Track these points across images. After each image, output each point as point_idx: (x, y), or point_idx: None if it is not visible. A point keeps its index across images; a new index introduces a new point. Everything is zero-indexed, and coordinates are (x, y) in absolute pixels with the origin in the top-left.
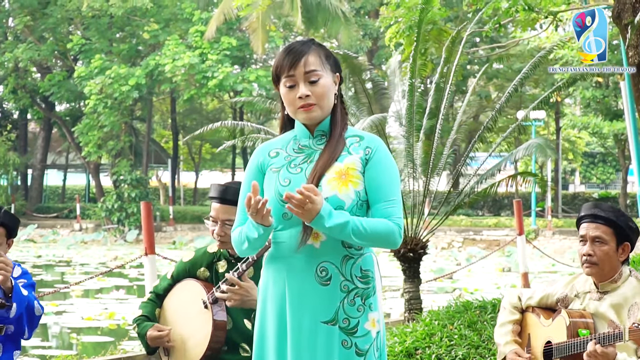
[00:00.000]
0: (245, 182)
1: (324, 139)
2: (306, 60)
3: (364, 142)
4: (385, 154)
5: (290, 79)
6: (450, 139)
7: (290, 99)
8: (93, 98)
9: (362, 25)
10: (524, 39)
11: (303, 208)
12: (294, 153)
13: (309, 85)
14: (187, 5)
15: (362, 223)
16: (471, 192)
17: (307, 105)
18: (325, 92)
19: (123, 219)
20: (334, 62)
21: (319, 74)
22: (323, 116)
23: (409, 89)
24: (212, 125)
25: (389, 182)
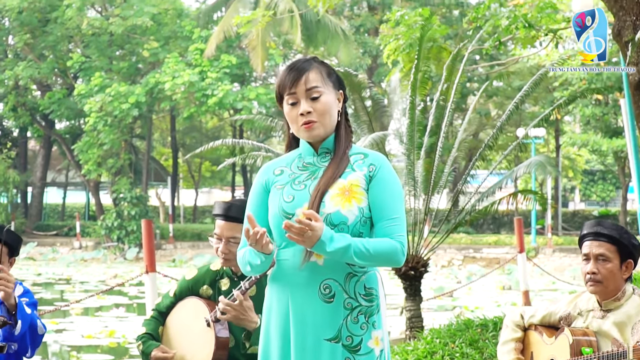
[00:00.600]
0: (250, 201)
1: (328, 156)
2: (307, 77)
3: (368, 159)
4: (389, 171)
5: (292, 96)
6: (450, 157)
7: (293, 116)
8: (93, 116)
9: (361, 43)
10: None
11: (303, 236)
12: (298, 170)
13: (311, 102)
14: (186, 23)
15: (365, 244)
16: (472, 210)
17: (309, 123)
18: (326, 109)
19: (123, 237)
20: (337, 79)
21: (320, 91)
22: (326, 134)
23: (409, 106)
24: (212, 143)
25: (393, 200)
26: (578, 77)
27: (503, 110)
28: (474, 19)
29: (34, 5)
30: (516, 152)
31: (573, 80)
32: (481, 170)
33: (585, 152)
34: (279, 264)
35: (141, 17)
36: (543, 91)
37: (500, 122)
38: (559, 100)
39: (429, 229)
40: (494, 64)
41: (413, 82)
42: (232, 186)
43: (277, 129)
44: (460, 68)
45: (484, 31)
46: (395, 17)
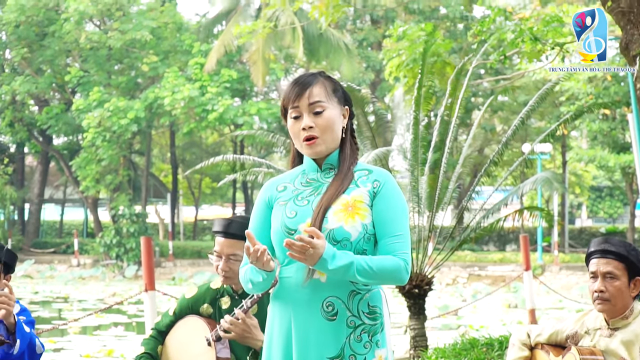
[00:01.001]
0: (253, 218)
1: (332, 172)
2: (311, 92)
3: (372, 175)
4: (394, 188)
5: (295, 109)
6: (455, 173)
7: (295, 130)
8: (91, 131)
9: (364, 58)
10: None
11: (304, 254)
12: (301, 186)
13: (313, 117)
14: (186, 37)
15: (368, 262)
16: (477, 227)
17: (311, 139)
18: (329, 124)
19: (122, 255)
20: (343, 95)
21: (323, 105)
22: (328, 150)
23: (413, 121)
24: (213, 159)
25: (396, 217)
26: (585, 92)
27: (508, 125)
28: (478, 33)
29: (31, 19)
30: (522, 168)
31: (580, 95)
32: (486, 186)
33: (592, 168)
34: (281, 282)
35: (140, 31)
36: (549, 106)
37: (506, 138)
38: (565, 115)
39: (434, 246)
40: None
41: (417, 97)
42: (232, 203)
43: (279, 144)
44: (464, 82)
45: (489, 45)
46: (397, 32)
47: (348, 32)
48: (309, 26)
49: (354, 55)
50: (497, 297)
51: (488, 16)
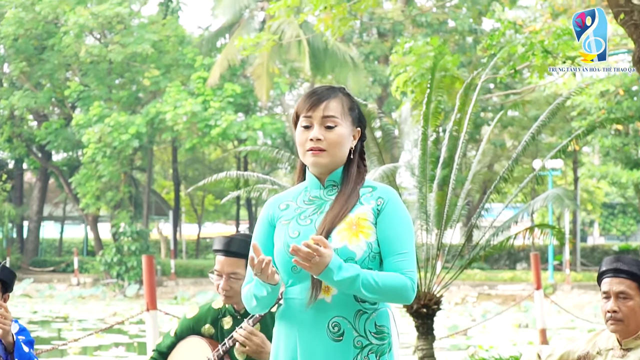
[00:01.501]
0: (255, 235)
1: (335, 189)
2: (327, 105)
3: (376, 192)
4: (398, 204)
5: (307, 119)
6: (464, 189)
7: (302, 139)
8: (91, 147)
9: (371, 72)
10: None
11: (310, 261)
12: (304, 205)
13: (324, 130)
14: (189, 50)
15: (374, 277)
16: (486, 245)
17: (317, 150)
18: (339, 141)
19: (122, 273)
20: (358, 115)
21: (336, 121)
22: (331, 165)
23: (421, 137)
24: (216, 175)
25: (402, 234)
26: (597, 107)
27: (519, 141)
28: (488, 46)
29: (30, 32)
30: (532, 184)
31: (592, 110)
32: (496, 203)
33: (604, 184)
34: (286, 303)
35: (141, 45)
36: (560, 121)
37: (516, 154)
38: (577, 131)
39: (442, 264)
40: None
41: (425, 112)
42: (236, 220)
43: (283, 160)
44: (473, 97)
45: (499, 59)
46: (404, 48)
47: (354, 45)
48: (314, 39)
49: (360, 69)
50: (507, 316)
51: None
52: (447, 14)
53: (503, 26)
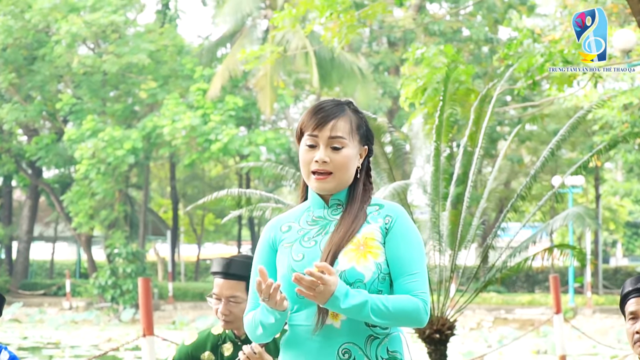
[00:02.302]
0: (256, 260)
1: (340, 208)
2: (335, 125)
3: (383, 210)
4: (407, 222)
5: (312, 138)
6: (479, 208)
7: (307, 159)
8: (84, 163)
9: (381, 83)
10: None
11: (314, 290)
12: (307, 225)
13: (330, 151)
14: (187, 61)
15: (383, 301)
16: (503, 267)
17: (322, 174)
18: (345, 163)
19: (117, 297)
20: (366, 133)
21: (343, 142)
22: (338, 188)
23: (433, 152)
24: (216, 193)
25: (412, 254)
26: (620, 120)
27: (537, 156)
28: (504, 56)
29: (19, 42)
30: (552, 202)
31: (614, 124)
32: (513, 222)
33: (628, 202)
34: (291, 330)
35: (137, 55)
36: (581, 135)
37: (534, 170)
38: (599, 146)
39: (456, 287)
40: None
41: (437, 126)
42: (238, 241)
43: (288, 177)
44: (489, 110)
45: (516, 69)
46: (415, 55)
47: (363, 55)
48: (320, 49)
49: (369, 80)
50: (525, 342)
51: (515, 38)
52: (462, 22)
53: (521, 35)
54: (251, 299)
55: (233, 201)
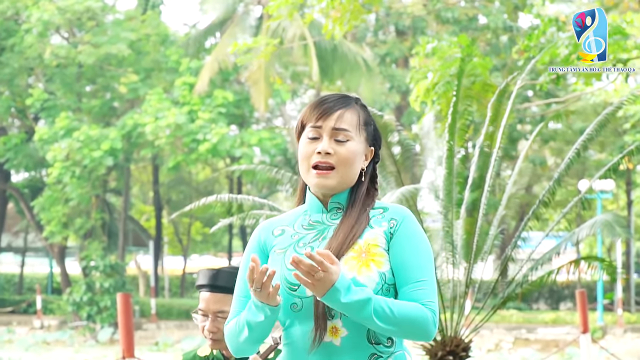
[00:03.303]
0: (242, 267)
1: (339, 212)
2: (341, 115)
3: (388, 213)
4: (414, 226)
5: (315, 130)
6: (497, 215)
7: (307, 151)
8: (57, 166)
9: (388, 76)
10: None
11: (313, 277)
12: (302, 230)
13: (334, 144)
14: (172, 51)
15: (389, 304)
16: (524, 281)
17: (325, 169)
18: (350, 157)
19: (94, 315)
20: (374, 133)
21: (349, 135)
22: (339, 187)
23: (446, 154)
24: (204, 199)
25: (418, 260)
26: None
27: (562, 158)
28: (525, 48)
29: None
30: (578, 209)
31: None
32: (535, 232)
33: None
34: (286, 349)
35: (116, 45)
36: (611, 135)
37: (559, 173)
38: (630, 146)
39: (472, 304)
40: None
41: (451, 125)
42: (228, 252)
43: (284, 181)
44: (508, 107)
45: (538, 61)
46: (425, 49)
47: (368, 45)
48: (320, 39)
49: (375, 73)
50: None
51: (537, 27)
52: (478, 8)
53: (543, 23)
54: (235, 306)
55: (223, 208)
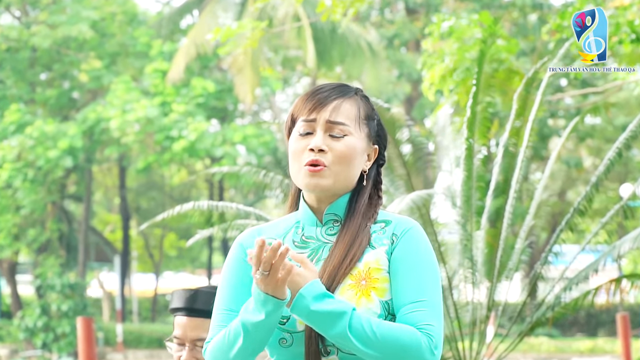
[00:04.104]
0: (223, 282)
1: (337, 226)
2: (338, 107)
3: (390, 227)
4: (416, 240)
5: (308, 124)
6: (525, 226)
7: (298, 148)
8: (6, 167)
9: (396, 62)
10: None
11: (275, 274)
12: (294, 247)
13: (330, 139)
14: (142, 33)
15: (372, 323)
16: (555, 304)
17: (317, 166)
18: (347, 155)
19: (50, 343)
20: (377, 129)
21: (347, 131)
22: (335, 190)
23: (465, 154)
24: (179, 207)
25: (417, 278)
26: None
27: (601, 158)
28: (557, 28)
29: None
30: (619, 219)
31: None
32: (569, 245)
33: None
34: None
35: (77, 25)
36: None
37: (597, 176)
38: None
39: (495, 330)
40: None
41: (470, 119)
42: (208, 269)
43: (273, 186)
44: (537, 98)
45: (572, 44)
46: (440, 28)
47: (373, 26)
48: (316, 19)
49: (380, 58)
50: None
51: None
52: None
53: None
54: (217, 320)
55: (201, 217)
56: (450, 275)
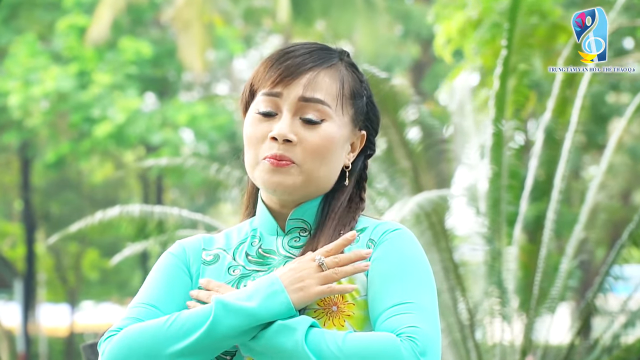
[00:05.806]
0: (149, 280)
1: (304, 236)
2: (313, 79)
3: (365, 235)
4: (400, 239)
5: (271, 99)
6: (572, 239)
7: (257, 133)
8: None
9: (399, 17)
10: None
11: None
12: (247, 263)
13: (300, 125)
14: None
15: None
16: (614, 345)
17: (280, 159)
18: (324, 149)
19: None
20: (367, 108)
21: (325, 112)
22: (304, 192)
23: (492, 141)
24: (102, 213)
25: (401, 279)
26: None
27: None
28: None
29: None
30: None
31: None
32: (634, 265)
33: None
34: None
35: None
36: None
37: None
38: None
39: None
40: None
41: (499, 93)
42: None
43: (230, 184)
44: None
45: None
46: None
47: None
48: None
49: (378, 11)
50: None
51: None
52: None
53: None
54: (126, 315)
55: (132, 227)
56: (472, 307)
